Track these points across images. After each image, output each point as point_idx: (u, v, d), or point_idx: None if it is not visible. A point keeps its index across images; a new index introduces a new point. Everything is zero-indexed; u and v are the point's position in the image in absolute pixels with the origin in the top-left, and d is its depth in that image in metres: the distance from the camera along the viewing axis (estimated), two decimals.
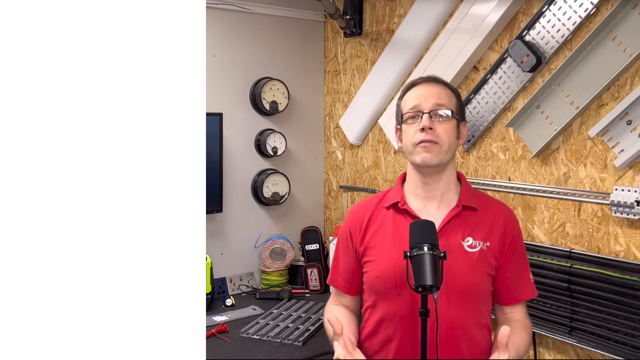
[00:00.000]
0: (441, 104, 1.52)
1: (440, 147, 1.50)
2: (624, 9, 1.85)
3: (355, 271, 1.63)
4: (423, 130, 1.50)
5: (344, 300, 1.68)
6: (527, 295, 1.59)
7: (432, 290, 1.28)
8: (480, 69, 2.35)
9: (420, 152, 1.51)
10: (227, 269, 2.82)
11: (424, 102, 1.53)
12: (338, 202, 3.10)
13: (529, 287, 1.59)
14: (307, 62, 3.05)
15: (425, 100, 1.53)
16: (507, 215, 1.60)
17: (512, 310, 1.59)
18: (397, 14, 2.70)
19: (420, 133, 1.50)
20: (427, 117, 1.50)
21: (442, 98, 1.53)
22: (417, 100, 1.54)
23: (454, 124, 1.54)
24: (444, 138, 1.50)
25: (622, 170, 1.91)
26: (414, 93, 1.57)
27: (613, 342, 1.91)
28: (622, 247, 1.93)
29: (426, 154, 1.50)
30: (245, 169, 2.86)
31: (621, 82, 1.90)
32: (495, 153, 2.31)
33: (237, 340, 2.24)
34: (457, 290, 1.48)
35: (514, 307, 1.59)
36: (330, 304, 1.70)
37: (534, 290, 1.61)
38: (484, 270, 1.53)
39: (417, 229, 1.39)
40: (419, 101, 1.53)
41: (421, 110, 1.52)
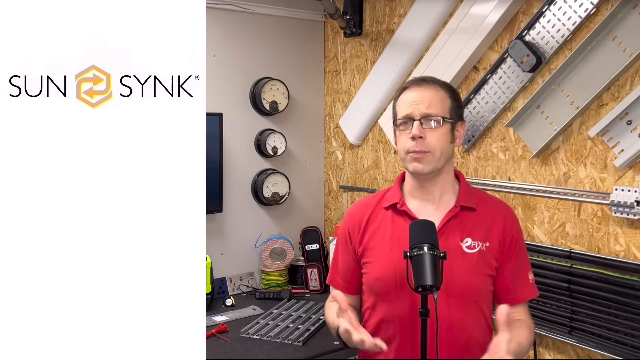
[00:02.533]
0: (430, 112, 1.50)
1: (432, 155, 1.49)
2: (624, 9, 1.85)
3: (354, 271, 1.63)
4: (413, 139, 1.49)
5: None
6: (527, 295, 1.58)
7: (432, 290, 1.28)
8: (480, 69, 2.35)
9: (412, 162, 1.51)
10: (227, 269, 2.82)
11: (415, 110, 1.51)
12: (338, 202, 3.10)
13: (530, 287, 1.58)
14: (307, 62, 3.05)
15: (415, 108, 1.51)
16: (506, 214, 1.59)
17: (513, 310, 1.56)
18: (397, 14, 2.70)
19: (411, 141, 1.49)
20: (417, 125, 1.49)
21: (433, 104, 1.51)
22: (409, 108, 1.52)
23: (446, 128, 1.52)
24: (436, 146, 1.49)
25: (622, 170, 1.91)
26: (406, 97, 1.55)
27: (613, 342, 1.91)
28: (622, 247, 1.93)
29: (417, 163, 1.50)
30: (245, 169, 2.86)
31: (621, 82, 1.90)
32: (495, 153, 2.31)
33: (237, 340, 2.23)
34: (456, 292, 1.48)
35: (515, 307, 1.56)
36: (330, 301, 1.70)
37: (535, 290, 1.60)
38: (484, 271, 1.52)
39: (417, 229, 1.39)
40: (410, 109, 1.51)
41: (412, 118, 1.50)
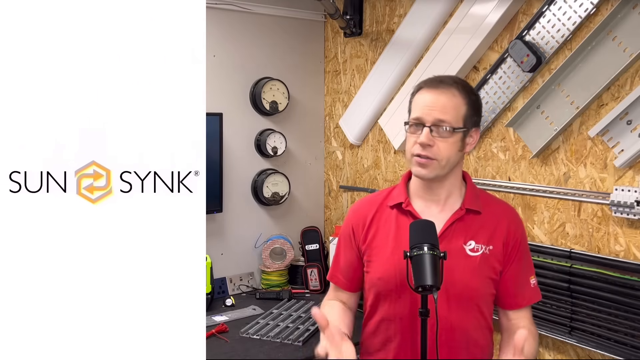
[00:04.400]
0: (444, 119, 1.45)
1: (437, 163, 1.47)
2: (624, 9, 1.85)
3: (356, 268, 1.63)
4: (421, 145, 1.46)
5: (342, 296, 1.67)
6: (530, 299, 1.57)
7: (432, 290, 1.28)
8: (480, 69, 2.35)
9: (416, 165, 1.49)
10: (227, 269, 2.82)
11: (427, 115, 1.46)
12: (338, 202, 3.10)
13: (532, 291, 1.57)
14: (307, 62, 3.05)
15: (428, 113, 1.46)
16: (510, 217, 1.58)
17: (516, 316, 1.56)
18: (397, 14, 2.70)
19: (418, 146, 1.46)
20: (426, 133, 1.45)
21: (446, 111, 1.46)
22: (421, 111, 1.47)
23: (457, 138, 1.47)
24: (443, 154, 1.46)
25: (622, 170, 1.91)
26: (421, 99, 1.50)
27: (613, 342, 1.91)
28: (622, 247, 1.93)
29: (420, 169, 1.48)
30: (245, 169, 2.86)
31: (621, 82, 1.90)
32: (495, 153, 2.31)
33: (237, 340, 2.23)
34: (456, 293, 1.48)
35: (518, 312, 1.56)
36: (327, 299, 1.70)
37: (538, 294, 1.58)
38: (486, 274, 1.51)
39: (417, 228, 1.39)
40: (422, 113, 1.47)
41: (423, 124, 1.46)
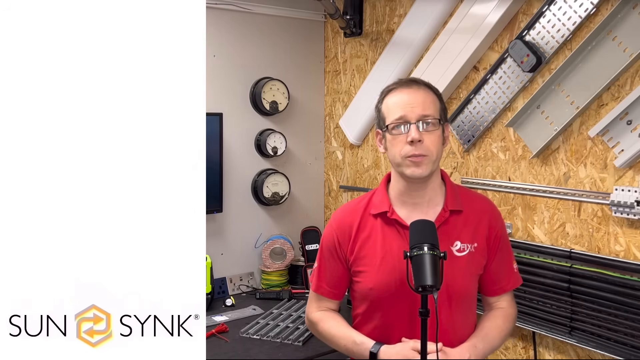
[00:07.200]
0: (427, 114, 1.47)
1: (429, 159, 1.47)
2: (624, 9, 1.85)
3: (342, 277, 1.62)
4: (412, 143, 1.46)
5: (330, 305, 1.67)
6: (512, 284, 1.62)
7: (433, 290, 1.28)
8: (480, 69, 2.35)
9: (410, 166, 1.48)
10: (227, 269, 2.82)
11: (410, 113, 1.47)
12: (338, 202, 3.10)
13: (514, 276, 1.63)
14: (307, 62, 3.05)
15: (411, 111, 1.47)
16: (489, 211, 1.61)
17: (497, 299, 1.62)
18: (397, 14, 2.70)
19: (409, 146, 1.46)
20: (415, 128, 1.46)
21: (427, 106, 1.48)
22: (403, 110, 1.48)
23: (440, 131, 1.50)
24: (432, 149, 1.47)
25: (622, 170, 1.91)
26: (397, 99, 1.51)
27: (613, 342, 1.91)
28: (622, 247, 1.93)
29: (416, 168, 1.47)
30: (245, 169, 2.86)
31: (621, 82, 1.90)
32: (495, 153, 2.31)
33: (237, 340, 2.24)
34: (445, 294, 1.49)
35: (500, 296, 1.62)
36: (318, 311, 1.67)
37: (519, 279, 1.64)
38: (474, 272, 1.56)
39: (417, 228, 1.39)
40: (405, 111, 1.47)
41: (408, 121, 1.47)
